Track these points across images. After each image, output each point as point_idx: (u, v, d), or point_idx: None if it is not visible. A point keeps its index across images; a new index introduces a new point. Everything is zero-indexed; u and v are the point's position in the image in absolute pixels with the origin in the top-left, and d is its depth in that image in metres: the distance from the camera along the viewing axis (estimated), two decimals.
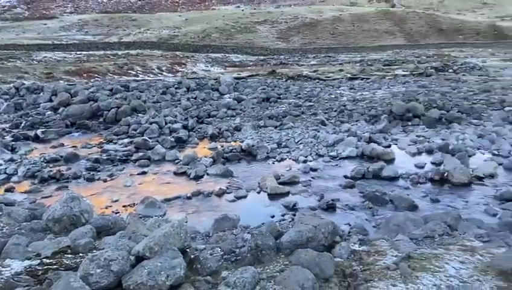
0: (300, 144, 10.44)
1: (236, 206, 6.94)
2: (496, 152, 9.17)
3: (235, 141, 11.17)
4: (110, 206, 6.95)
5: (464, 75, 23.91)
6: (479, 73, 24.63)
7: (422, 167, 8.53)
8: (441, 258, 3.82)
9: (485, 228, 5.05)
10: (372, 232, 5.46)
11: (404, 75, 24.21)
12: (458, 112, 13.09)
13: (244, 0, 79.85)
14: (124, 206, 6.95)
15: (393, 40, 52.27)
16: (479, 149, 9.53)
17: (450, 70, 25.84)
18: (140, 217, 6.05)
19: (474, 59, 33.38)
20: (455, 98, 15.59)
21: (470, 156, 8.92)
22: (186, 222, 6.01)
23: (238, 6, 74.46)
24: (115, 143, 11.25)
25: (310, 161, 9.17)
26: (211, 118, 13.89)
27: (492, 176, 7.72)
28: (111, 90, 17.34)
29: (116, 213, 6.50)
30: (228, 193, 7.43)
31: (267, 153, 9.74)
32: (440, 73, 24.74)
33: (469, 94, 16.59)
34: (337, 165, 9.01)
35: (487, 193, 7.00)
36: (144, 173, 8.76)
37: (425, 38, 52.84)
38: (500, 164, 8.25)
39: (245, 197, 7.31)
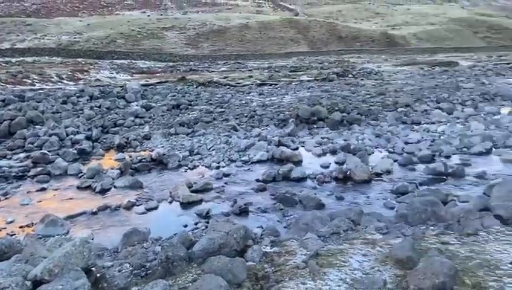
0: (213, 150, 10.42)
1: (147, 218, 6.70)
2: (391, 150, 10.01)
3: (144, 150, 10.81)
4: (4, 228, 6.31)
5: (362, 79, 25.75)
6: (375, 77, 26.72)
7: (327, 167, 8.99)
8: (346, 253, 4.03)
9: (384, 220, 5.46)
10: (284, 233, 5.61)
11: (308, 81, 25.40)
12: (358, 114, 14.06)
13: (150, 6, 78.04)
14: (20, 227, 6.35)
15: (298, 47, 54.69)
16: (376, 148, 10.32)
17: (350, 76, 27.67)
18: (40, 238, 5.57)
19: (371, 65, 36.16)
20: (355, 101, 16.72)
21: (369, 154, 9.61)
22: (93, 239, 5.66)
23: (144, 12, 72.53)
24: (9, 159, 10.25)
25: (223, 167, 9.20)
26: (118, 127, 13.28)
27: (389, 172, 8.41)
28: (3, 100, 15.80)
29: (12, 235, 5.90)
30: (138, 205, 7.15)
31: (179, 161, 9.57)
32: (341, 78, 26.38)
33: (367, 97, 17.87)
34: (249, 169, 9.14)
35: (385, 188, 7.60)
36: (43, 189, 8.09)
37: (326, 45, 56.12)
38: (395, 161, 9.01)
39: (156, 208, 7.09)
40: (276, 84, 24.07)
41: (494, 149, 9.73)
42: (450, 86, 20.80)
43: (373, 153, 9.94)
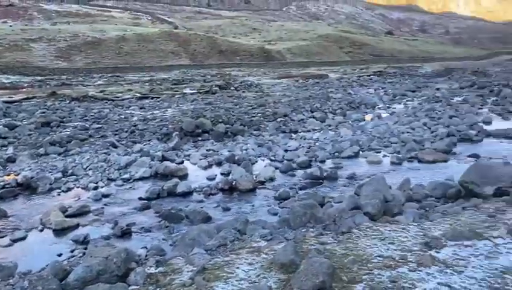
0: (90, 169, 9.70)
1: (14, 250, 5.93)
2: (273, 158, 10.43)
3: (8, 175, 9.60)
4: None
5: (243, 92, 26.55)
6: (255, 90, 27.77)
7: (213, 179, 9.00)
8: (232, 264, 4.02)
9: (268, 227, 5.62)
10: (170, 251, 5.42)
11: (192, 93, 25.36)
12: (241, 125, 14.42)
13: (12, 16, 70.57)
14: None
15: (179, 60, 54.37)
16: (259, 157, 10.66)
17: (232, 88, 28.34)
18: None
19: (251, 78, 37.54)
20: (238, 112, 17.14)
21: (252, 163, 9.87)
22: None
23: (5, 22, 65.29)
24: None
25: (101, 187, 8.60)
26: None
27: (272, 179, 8.73)
28: None
29: None
30: (1, 237, 6.29)
31: (51, 184, 8.69)
32: (223, 90, 26.86)
33: (249, 109, 18.46)
34: (131, 187, 8.70)
35: (269, 195, 7.86)
36: None
37: (208, 58, 56.82)
38: (277, 168, 9.39)
39: (24, 238, 6.32)
40: (158, 98, 23.53)
41: (361, 152, 10.74)
42: (322, 96, 22.59)
43: (256, 162, 10.24)
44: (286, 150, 10.95)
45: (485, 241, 4.08)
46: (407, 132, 12.67)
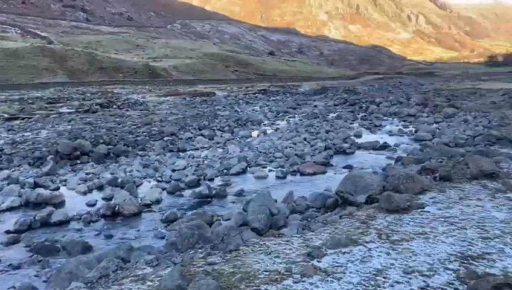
0: None
1: None
2: (160, 178, 10.11)
3: None
4: None
5: (127, 110, 25.51)
6: (140, 108, 26.89)
7: (94, 205, 8.36)
8: None
9: (154, 252, 5.36)
10: (43, 289, 4.86)
11: (69, 113, 23.58)
12: (124, 145, 13.74)
13: None
14: None
15: (55, 77, 50.36)
16: (145, 178, 10.24)
17: (115, 106, 27.05)
18: None
19: (135, 95, 36.30)
20: (121, 132, 16.34)
21: (137, 186, 9.44)
22: None
23: None
24: None
25: None
26: None
27: (158, 201, 8.42)
28: None
29: None
30: None
31: None
32: (105, 109, 25.49)
33: (133, 128, 17.74)
34: None
35: (155, 218, 7.55)
36: None
37: (87, 76, 53.61)
38: (164, 189, 9.11)
39: None
40: (30, 118, 21.37)
41: (248, 168, 11.00)
42: (210, 114, 22.77)
43: (142, 184, 9.82)
44: (174, 170, 10.71)
45: (359, 247, 4.41)
46: (290, 147, 13.35)
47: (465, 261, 3.97)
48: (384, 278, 3.70)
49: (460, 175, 7.34)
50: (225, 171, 10.67)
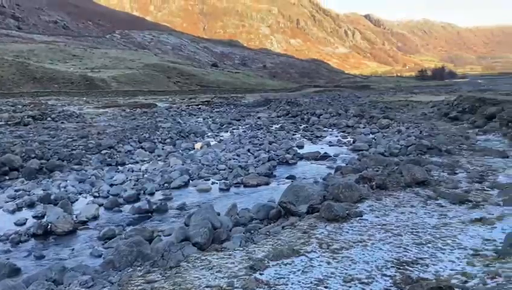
0: None
1: None
2: (97, 194, 9.64)
3: None
4: None
5: (62, 122, 24.23)
6: (77, 120, 25.65)
7: (23, 224, 7.79)
8: None
9: (89, 272, 5.06)
10: None
11: None
12: (59, 159, 13.00)
13: None
14: None
15: None
16: (81, 194, 9.73)
17: (49, 119, 25.59)
18: None
19: (72, 107, 34.64)
20: (55, 145, 15.45)
21: (72, 202, 8.94)
22: None
23: None
24: None
25: None
26: None
27: (95, 217, 8.01)
28: None
29: None
30: None
31: None
32: (38, 121, 24.04)
33: (69, 141, 16.85)
34: None
35: (92, 236, 7.16)
36: None
37: (19, 86, 50.46)
38: (101, 205, 8.69)
39: None
40: None
41: (190, 181, 10.81)
42: (151, 126, 22.22)
43: (77, 200, 9.31)
44: (112, 185, 10.27)
45: (301, 258, 4.44)
46: (234, 159, 13.32)
47: (401, 267, 4.12)
48: (325, 287, 3.74)
49: (395, 183, 7.68)
50: (166, 184, 10.41)
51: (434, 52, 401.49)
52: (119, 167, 12.66)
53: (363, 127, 21.08)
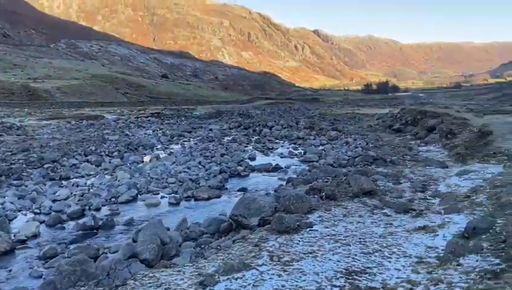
0: None
1: None
2: (38, 210, 9.11)
3: None
4: None
5: (1, 135, 22.85)
6: (17, 132, 24.28)
7: None
8: None
9: None
10: None
11: None
12: None
13: None
14: None
15: None
16: (20, 211, 9.14)
17: None
18: None
19: (12, 119, 32.79)
20: None
21: (10, 220, 8.37)
22: None
23: None
24: None
25: None
26: None
27: (35, 236, 7.55)
28: None
29: None
30: None
31: None
32: None
33: (8, 155, 15.89)
34: None
35: (31, 255, 6.73)
36: None
37: None
38: (42, 222, 8.21)
39: None
40: None
41: (139, 195, 10.49)
42: (97, 138, 21.44)
43: (16, 217, 8.73)
44: (54, 200, 9.74)
45: (252, 271, 4.40)
46: (184, 172, 13.10)
47: (350, 277, 4.18)
48: None
49: (343, 193, 7.85)
50: (113, 199, 10.03)
51: (379, 67, 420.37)
52: (63, 182, 12.06)
53: (313, 139, 21.52)
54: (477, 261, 4.10)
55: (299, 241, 5.33)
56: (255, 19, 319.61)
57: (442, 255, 4.56)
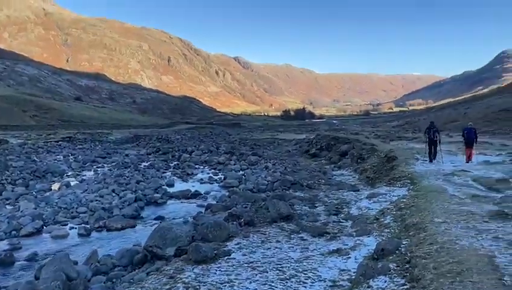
0: None
1: None
2: None
3: None
4: None
5: None
6: None
7: None
8: None
9: None
10: None
11: None
12: None
13: None
14: None
15: None
16: None
17: None
18: None
19: None
20: None
21: None
22: None
23: None
24: None
25: None
26: None
27: None
28: None
29: None
30: None
31: None
32: None
33: None
34: None
35: None
36: None
37: None
38: None
39: None
40: None
41: (45, 227, 9.65)
42: None
43: None
44: None
45: None
46: (96, 200, 12.34)
47: None
48: None
49: (262, 219, 7.90)
50: (14, 232, 9.11)
51: (296, 94, 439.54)
52: None
53: (234, 164, 21.62)
54: (385, 282, 4.29)
55: (216, 270, 5.21)
56: (175, 43, 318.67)
57: (354, 277, 4.72)
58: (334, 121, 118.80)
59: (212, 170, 20.18)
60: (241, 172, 18.75)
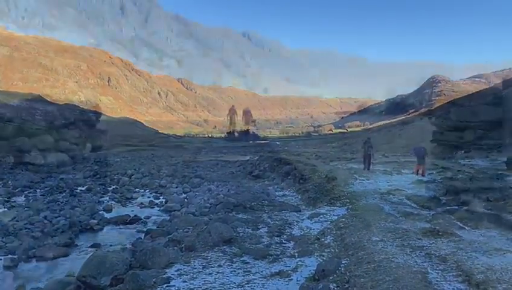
0: None
1: None
2: None
3: None
4: None
5: None
6: None
7: None
8: None
9: None
10: None
11: None
12: None
13: None
14: None
15: None
16: None
17: None
18: None
19: None
20: None
21: None
22: None
23: None
24: None
25: None
26: None
27: None
28: None
29: None
30: None
31: None
32: None
33: None
34: None
35: None
36: None
37: None
38: None
39: None
40: None
41: None
42: None
43: None
44: None
45: None
46: (26, 228, 11.49)
47: None
48: None
49: (203, 243, 7.73)
50: None
51: (240, 116, 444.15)
52: None
53: (176, 187, 21.16)
54: None
55: None
56: (115, 63, 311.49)
57: None
58: (278, 143, 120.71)
59: (153, 194, 19.60)
60: (183, 195, 18.37)
